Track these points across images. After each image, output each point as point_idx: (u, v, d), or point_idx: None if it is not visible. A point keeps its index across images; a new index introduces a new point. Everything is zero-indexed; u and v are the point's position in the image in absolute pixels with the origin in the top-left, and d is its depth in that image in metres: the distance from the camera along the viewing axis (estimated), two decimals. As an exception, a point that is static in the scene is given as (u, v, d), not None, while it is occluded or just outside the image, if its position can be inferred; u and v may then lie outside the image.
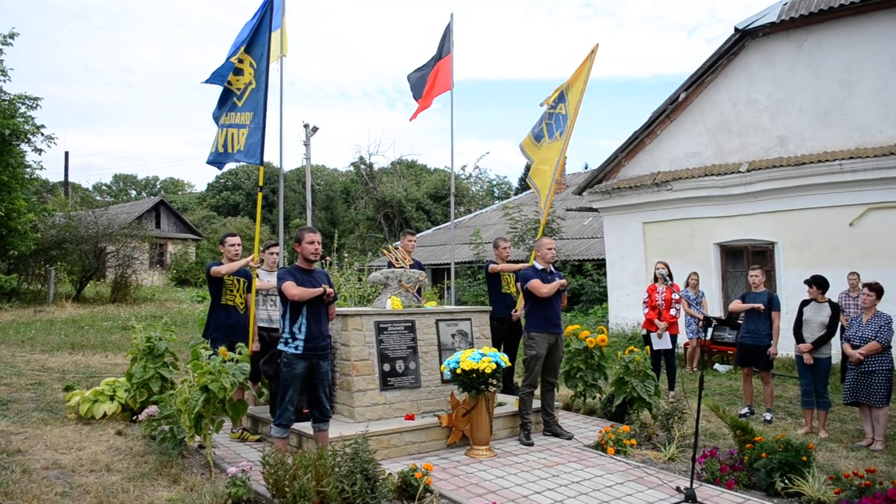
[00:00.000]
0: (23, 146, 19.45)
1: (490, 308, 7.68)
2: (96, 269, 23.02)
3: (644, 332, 9.22)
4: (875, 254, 10.78)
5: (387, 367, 6.49)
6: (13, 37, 19.19)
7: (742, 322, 8.29)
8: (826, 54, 11.59)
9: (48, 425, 6.49)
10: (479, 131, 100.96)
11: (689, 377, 10.51)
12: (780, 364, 10.83)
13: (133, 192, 67.46)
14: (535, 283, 6.66)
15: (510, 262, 8.31)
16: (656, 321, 8.88)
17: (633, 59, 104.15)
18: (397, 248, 7.70)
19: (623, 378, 7.32)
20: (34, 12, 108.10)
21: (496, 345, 7.61)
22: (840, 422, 7.85)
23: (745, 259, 12.68)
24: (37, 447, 5.73)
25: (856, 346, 6.87)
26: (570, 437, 6.74)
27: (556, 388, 7.07)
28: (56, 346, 12.16)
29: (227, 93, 7.07)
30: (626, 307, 14.06)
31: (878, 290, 6.98)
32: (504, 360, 6.12)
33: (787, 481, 5.20)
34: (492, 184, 46.43)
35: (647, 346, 8.78)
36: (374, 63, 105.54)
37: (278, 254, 7.36)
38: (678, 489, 5.08)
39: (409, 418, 6.36)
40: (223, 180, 57.79)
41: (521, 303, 7.67)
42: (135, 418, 6.61)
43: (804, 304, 7.55)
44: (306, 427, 5.66)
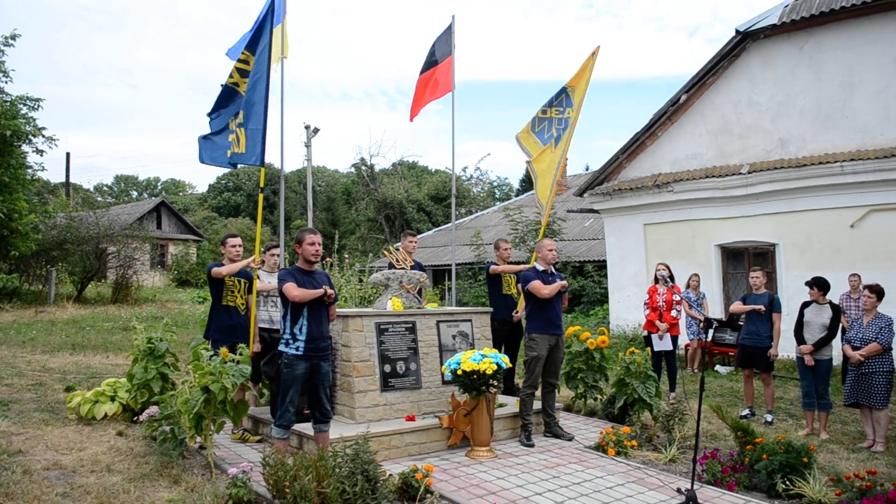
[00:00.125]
0: (24, 147, 19.48)
1: (491, 309, 7.68)
2: (97, 269, 23.04)
3: (645, 333, 9.22)
4: (876, 255, 10.77)
5: (387, 368, 6.49)
6: (14, 38, 19.22)
7: (743, 323, 8.29)
8: (827, 56, 11.59)
9: (49, 426, 6.50)
10: (481, 132, 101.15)
11: (690, 378, 10.51)
12: (781, 365, 10.83)
13: (134, 193, 67.54)
14: (536, 285, 6.66)
15: (511, 263, 8.31)
16: (657, 322, 8.87)
17: (634, 60, 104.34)
18: (398, 250, 7.70)
19: (624, 379, 7.33)
20: (35, 13, 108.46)
21: (497, 346, 7.61)
22: (841, 423, 7.84)
23: (746, 261, 12.67)
24: (38, 448, 5.74)
25: (856, 348, 6.87)
26: (570, 439, 6.74)
27: (556, 390, 7.07)
28: (57, 347, 12.17)
29: (234, 93, 7.06)
30: (626, 308, 14.05)
31: (878, 291, 6.98)
32: (505, 361, 6.13)
33: (788, 483, 5.20)
34: (493, 185, 46.54)
35: (648, 348, 8.78)
36: (375, 64, 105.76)
37: (279, 255, 7.37)
38: (679, 490, 5.08)
39: (410, 419, 6.36)
40: (224, 181, 57.81)
41: (521, 304, 7.67)
42: (136, 419, 6.61)
43: (805, 305, 7.55)
44: (307, 428, 5.66)
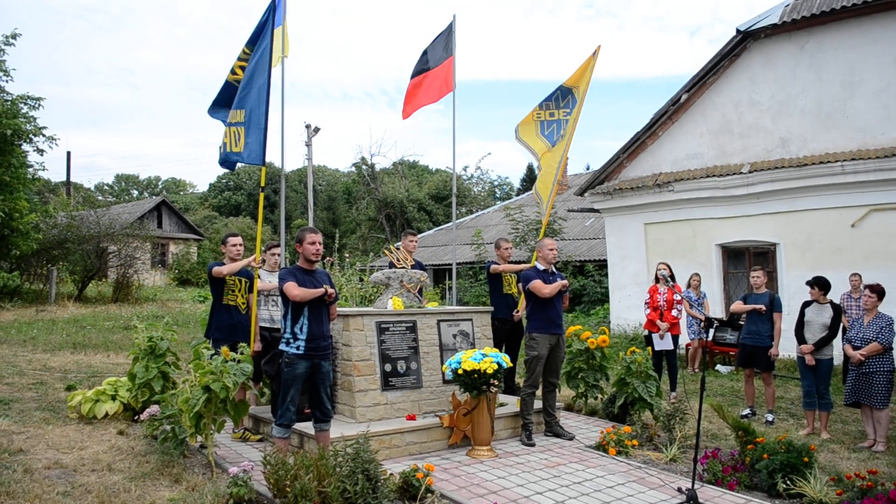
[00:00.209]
0: (25, 146, 19.49)
1: (492, 308, 7.68)
2: (98, 268, 23.06)
3: (646, 332, 9.22)
4: (877, 255, 10.77)
5: (388, 368, 6.49)
6: (15, 37, 19.23)
7: (744, 323, 8.29)
8: (828, 56, 11.58)
9: (50, 425, 6.50)
10: (481, 132, 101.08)
11: (691, 378, 10.51)
12: (782, 365, 10.83)
13: (135, 192, 67.56)
14: (537, 284, 6.66)
15: (512, 262, 8.31)
16: (658, 322, 8.87)
17: (635, 59, 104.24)
18: (399, 249, 7.70)
19: (624, 379, 7.33)
20: (36, 13, 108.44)
21: (498, 345, 7.60)
22: (842, 423, 7.84)
23: (747, 260, 12.67)
24: (38, 447, 5.74)
25: (857, 348, 6.87)
26: (571, 438, 6.74)
27: (557, 389, 7.07)
28: (58, 346, 12.18)
29: (232, 89, 7.07)
30: (627, 308, 14.05)
31: (879, 291, 6.98)
32: (505, 360, 6.13)
33: (788, 482, 5.20)
34: (493, 184, 46.50)
35: (649, 347, 8.78)
36: (376, 64, 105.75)
37: (280, 254, 7.37)
38: (680, 490, 5.08)
39: (411, 418, 6.37)
40: (225, 180, 57.83)
41: (522, 303, 7.67)
42: (136, 418, 6.61)
43: (806, 305, 7.55)
44: (308, 427, 5.67)
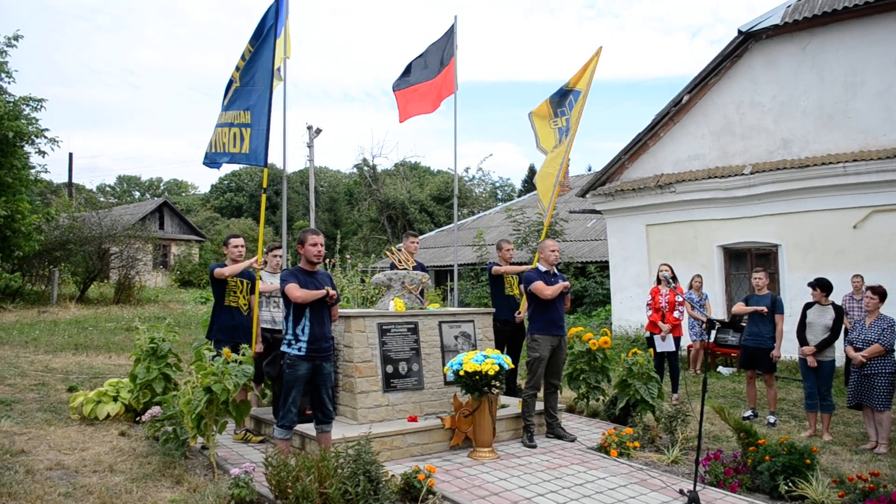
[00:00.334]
0: (27, 148, 19.52)
1: (493, 310, 7.68)
2: (100, 270, 23.07)
3: (647, 334, 9.21)
4: (879, 256, 10.76)
5: (390, 369, 6.49)
6: (17, 39, 19.27)
7: (745, 325, 8.28)
8: (830, 57, 11.57)
9: (52, 426, 6.51)
10: (483, 133, 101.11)
11: (693, 380, 10.50)
12: (784, 367, 10.81)
13: (137, 194, 67.64)
14: (539, 285, 6.66)
15: (513, 264, 8.30)
16: (660, 323, 8.86)
17: (636, 60, 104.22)
18: (400, 250, 7.70)
19: (626, 380, 7.32)
20: (37, 14, 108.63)
21: (499, 347, 7.60)
22: (844, 425, 7.83)
23: (749, 261, 12.66)
24: (40, 448, 5.75)
25: (859, 349, 6.85)
26: (573, 440, 6.73)
27: (559, 391, 7.06)
28: (60, 347, 12.18)
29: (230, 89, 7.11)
30: (629, 309, 14.04)
31: (881, 293, 6.97)
32: (507, 362, 6.12)
33: (790, 484, 5.19)
34: (495, 186, 46.42)
35: (651, 349, 8.77)
36: (377, 64, 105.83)
37: (281, 256, 7.37)
38: (681, 492, 5.08)
39: (412, 420, 6.36)
40: (226, 182, 57.89)
41: (524, 305, 7.66)
42: (138, 419, 6.61)
43: (808, 306, 7.54)
44: (309, 428, 5.66)
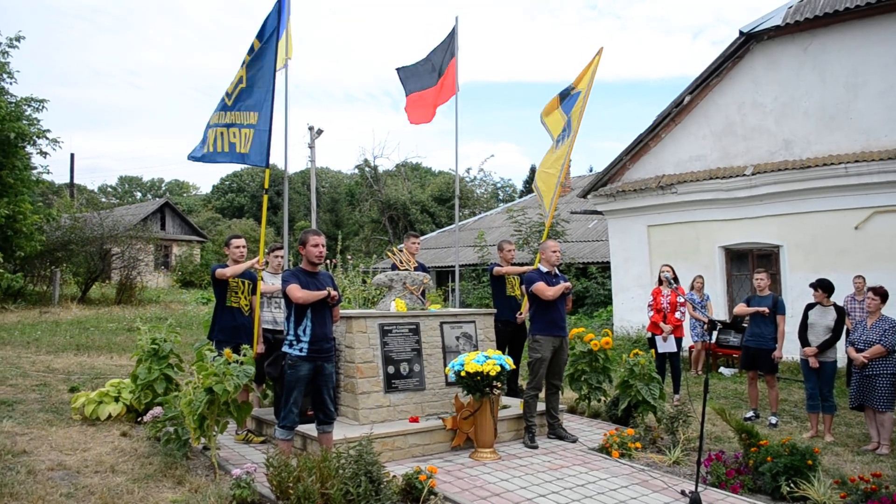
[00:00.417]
0: (28, 149, 19.55)
1: (495, 311, 7.68)
2: (101, 270, 23.09)
3: (649, 335, 9.21)
4: (880, 257, 10.74)
5: (391, 370, 6.49)
6: (19, 39, 19.30)
7: (747, 325, 8.27)
8: (831, 58, 11.56)
9: (53, 426, 6.51)
10: (484, 134, 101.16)
11: (694, 380, 10.49)
12: (786, 367, 10.79)
13: (138, 194, 67.71)
14: (540, 286, 6.66)
15: (515, 264, 8.30)
16: (661, 324, 8.86)
17: (638, 61, 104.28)
18: (401, 251, 7.70)
19: (628, 381, 7.32)
20: (40, 15, 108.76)
21: (501, 347, 7.59)
22: (846, 426, 7.82)
23: (751, 262, 12.65)
24: (42, 448, 5.75)
25: (860, 350, 6.85)
26: (574, 440, 6.73)
27: (560, 391, 7.06)
28: (61, 348, 12.20)
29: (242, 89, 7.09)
30: (630, 310, 14.03)
31: (882, 294, 6.96)
32: (508, 362, 6.12)
33: (792, 485, 5.19)
34: (496, 186, 46.39)
35: (652, 350, 8.76)
36: (378, 65, 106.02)
37: (283, 256, 7.37)
38: (683, 493, 5.07)
39: (414, 420, 6.36)
40: (228, 182, 57.95)
41: (525, 305, 7.66)
42: (139, 420, 6.62)
43: (809, 307, 7.54)
44: (310, 429, 5.66)
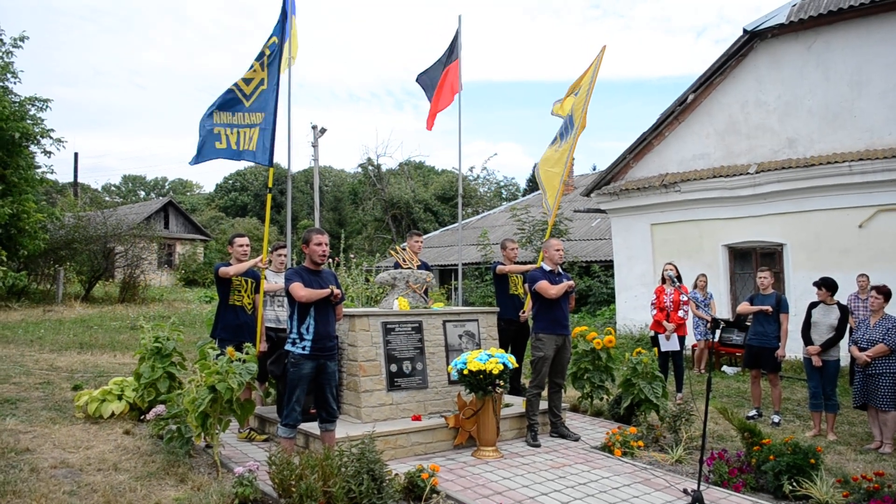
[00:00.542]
0: (32, 148, 19.60)
1: (497, 309, 7.67)
2: (105, 269, 23.16)
3: (652, 333, 9.19)
4: (884, 256, 10.71)
5: (394, 368, 6.50)
6: (23, 40, 19.36)
7: (750, 324, 8.26)
8: (835, 56, 11.53)
9: (56, 424, 6.53)
10: (487, 133, 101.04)
11: (697, 379, 10.48)
12: (789, 366, 10.78)
13: (142, 193, 67.81)
14: (543, 285, 6.65)
15: (518, 263, 8.30)
16: (664, 323, 8.85)
17: (641, 60, 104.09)
18: (404, 249, 7.71)
19: (630, 380, 7.31)
20: (44, 15, 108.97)
21: (504, 346, 7.60)
22: (848, 424, 7.81)
23: (754, 261, 12.63)
24: (45, 446, 5.76)
25: (863, 349, 6.83)
26: (577, 439, 6.73)
27: (563, 390, 7.05)
28: (65, 346, 12.23)
29: (229, 92, 7.14)
30: (633, 309, 14.02)
31: (886, 292, 6.94)
32: (511, 361, 6.12)
33: (795, 484, 5.18)
34: (499, 185, 46.31)
35: (655, 348, 8.76)
36: (382, 64, 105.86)
37: (286, 255, 7.37)
38: (685, 491, 5.07)
39: (416, 419, 6.37)
40: (231, 181, 58.01)
41: (528, 304, 7.66)
42: (142, 418, 6.64)
43: (813, 305, 7.52)
44: (313, 427, 5.66)
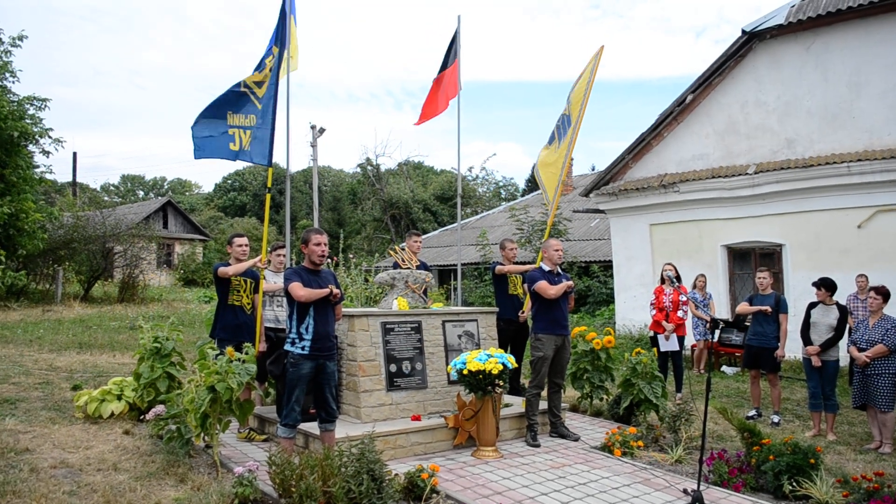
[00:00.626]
0: (31, 147, 19.58)
1: (497, 309, 7.67)
2: (104, 269, 23.15)
3: (651, 333, 9.20)
4: (883, 256, 10.72)
5: (393, 368, 6.50)
6: (22, 39, 19.34)
7: (749, 324, 8.26)
8: (834, 56, 11.54)
9: (56, 424, 6.52)
10: (486, 133, 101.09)
11: (697, 379, 10.48)
12: (788, 366, 10.79)
13: (141, 193, 67.76)
14: (542, 285, 6.65)
15: (517, 263, 8.30)
16: (663, 323, 8.85)
17: (640, 60, 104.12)
18: (403, 249, 7.71)
19: (630, 380, 7.32)
20: (43, 15, 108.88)
21: (503, 346, 7.60)
22: (848, 424, 7.81)
23: (753, 261, 12.64)
24: (44, 446, 5.76)
25: (862, 349, 6.84)
26: (576, 439, 6.73)
27: (562, 390, 7.06)
28: (64, 346, 12.22)
29: (241, 94, 7.12)
30: (633, 309, 14.03)
31: (884, 293, 6.94)
32: (511, 361, 6.12)
33: (794, 484, 5.18)
34: (498, 185, 46.32)
35: (655, 348, 8.75)
36: (381, 65, 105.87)
37: (285, 255, 7.37)
38: (685, 491, 5.07)
39: (416, 419, 6.37)
40: (230, 181, 57.99)
41: (527, 304, 7.66)
42: (142, 418, 6.63)
43: (812, 306, 7.53)
44: (313, 427, 5.67)
